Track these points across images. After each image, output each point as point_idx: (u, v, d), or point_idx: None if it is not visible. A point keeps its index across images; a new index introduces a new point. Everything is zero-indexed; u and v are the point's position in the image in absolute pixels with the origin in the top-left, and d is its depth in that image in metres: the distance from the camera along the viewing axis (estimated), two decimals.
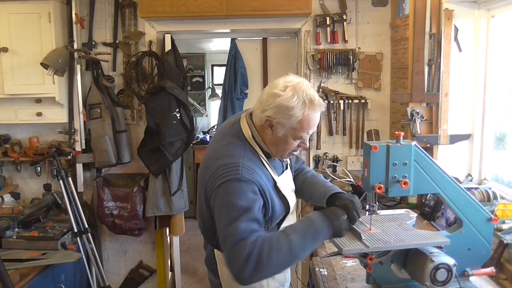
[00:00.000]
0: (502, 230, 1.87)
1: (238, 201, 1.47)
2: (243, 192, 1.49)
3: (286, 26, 3.44)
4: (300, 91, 1.55)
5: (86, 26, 3.44)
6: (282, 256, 1.42)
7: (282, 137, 1.60)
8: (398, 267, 1.62)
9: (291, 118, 1.55)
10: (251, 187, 1.52)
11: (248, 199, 1.49)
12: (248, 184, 1.51)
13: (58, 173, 3.07)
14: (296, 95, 1.54)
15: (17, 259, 2.65)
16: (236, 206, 1.47)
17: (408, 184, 1.58)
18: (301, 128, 1.58)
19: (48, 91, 3.22)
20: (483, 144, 2.66)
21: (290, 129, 1.58)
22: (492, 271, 1.66)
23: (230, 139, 1.66)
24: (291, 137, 1.60)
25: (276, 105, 1.55)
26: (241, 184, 1.50)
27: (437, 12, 2.62)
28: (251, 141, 1.65)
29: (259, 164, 1.64)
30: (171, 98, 3.25)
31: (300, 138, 1.62)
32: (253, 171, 1.55)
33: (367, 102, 3.45)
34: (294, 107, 1.54)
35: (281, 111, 1.55)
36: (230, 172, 1.52)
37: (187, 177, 3.74)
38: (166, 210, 3.41)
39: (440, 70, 2.59)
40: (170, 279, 3.85)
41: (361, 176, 2.01)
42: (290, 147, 1.64)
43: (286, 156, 1.70)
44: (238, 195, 1.48)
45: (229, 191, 1.50)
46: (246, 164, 1.56)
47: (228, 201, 1.49)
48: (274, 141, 1.63)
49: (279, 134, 1.60)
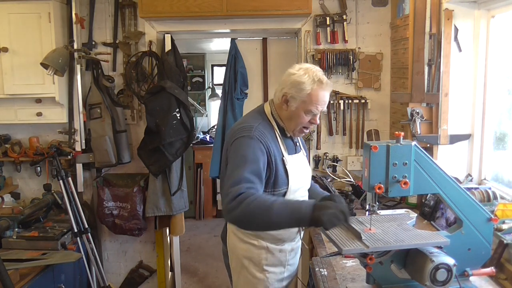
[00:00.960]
0: (502, 230, 1.87)
1: (245, 153, 1.78)
2: (251, 147, 1.80)
3: (286, 26, 3.44)
4: (310, 72, 1.86)
5: (86, 26, 3.44)
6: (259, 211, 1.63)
7: (295, 110, 1.88)
8: (398, 267, 1.62)
9: (301, 92, 1.84)
10: (259, 145, 1.81)
11: (255, 154, 1.79)
12: (257, 142, 1.81)
13: (58, 173, 3.07)
14: (307, 74, 1.85)
15: (17, 259, 2.65)
16: (243, 157, 1.77)
17: (408, 184, 1.58)
18: (310, 102, 1.85)
19: (48, 91, 3.22)
20: (483, 144, 2.66)
21: (301, 102, 1.86)
22: (492, 271, 1.66)
23: (252, 113, 2.02)
24: (302, 111, 1.87)
25: (291, 82, 1.87)
26: (251, 141, 1.81)
27: (437, 12, 2.62)
28: (269, 116, 1.96)
29: (273, 135, 1.92)
30: (171, 98, 3.25)
31: (310, 112, 1.88)
32: (264, 134, 1.85)
33: (367, 102, 3.45)
34: (305, 82, 1.83)
35: (293, 86, 1.85)
36: (244, 131, 1.85)
37: (187, 177, 3.74)
38: (166, 210, 3.41)
39: (440, 70, 2.59)
40: (170, 279, 3.85)
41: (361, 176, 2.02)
42: (302, 121, 1.90)
43: (298, 132, 1.96)
44: (247, 149, 1.79)
45: (241, 145, 1.81)
46: (260, 128, 1.87)
47: (238, 153, 1.80)
48: (288, 115, 1.91)
49: (292, 107, 1.88)
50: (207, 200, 6.03)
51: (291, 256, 2.06)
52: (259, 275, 1.98)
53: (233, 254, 2.04)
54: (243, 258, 1.99)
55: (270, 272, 1.99)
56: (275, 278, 2.01)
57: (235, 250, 2.02)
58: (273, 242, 1.98)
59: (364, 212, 1.79)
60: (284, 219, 1.64)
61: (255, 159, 1.78)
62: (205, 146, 5.86)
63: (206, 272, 4.50)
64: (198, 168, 5.95)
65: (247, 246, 1.98)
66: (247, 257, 1.98)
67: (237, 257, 2.02)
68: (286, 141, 1.97)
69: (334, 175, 3.41)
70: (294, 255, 2.08)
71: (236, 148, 1.82)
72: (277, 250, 1.99)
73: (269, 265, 1.99)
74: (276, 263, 2.00)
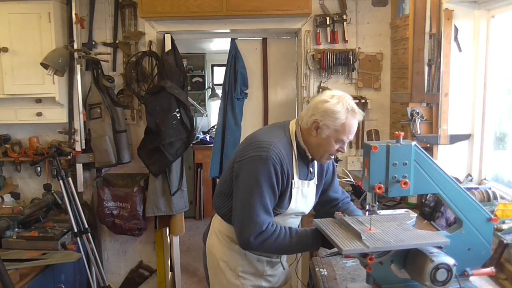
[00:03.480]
0: (502, 230, 1.87)
1: (262, 179, 1.76)
2: (267, 172, 1.76)
3: (286, 26, 3.44)
4: (344, 100, 1.81)
5: (86, 26, 3.44)
6: (279, 248, 1.84)
7: (326, 138, 1.82)
8: (398, 267, 1.62)
9: (336, 121, 1.79)
10: (275, 167, 1.77)
11: (270, 178, 1.77)
12: (273, 164, 1.77)
13: (58, 173, 3.07)
14: (341, 102, 1.80)
15: (17, 259, 2.64)
16: (261, 184, 1.75)
17: (408, 184, 1.58)
18: (343, 131, 1.81)
19: (48, 91, 3.22)
20: (483, 144, 2.66)
21: (334, 131, 1.81)
22: (492, 271, 1.66)
23: (277, 126, 1.98)
24: (333, 139, 1.82)
25: (324, 110, 1.80)
26: (267, 163, 1.76)
27: (437, 12, 2.62)
28: (292, 135, 1.90)
29: (289, 155, 1.86)
30: (171, 98, 3.25)
31: (341, 141, 1.83)
32: (281, 153, 1.80)
33: (367, 102, 3.45)
34: (339, 111, 1.78)
35: (328, 114, 1.79)
36: (261, 150, 1.79)
37: (187, 177, 3.74)
38: (166, 210, 3.41)
39: (440, 70, 2.59)
40: (170, 279, 3.85)
41: (361, 176, 2.02)
42: (330, 149, 1.85)
43: (325, 159, 1.91)
44: (261, 174, 1.76)
45: (254, 168, 1.77)
46: (278, 146, 1.81)
47: (252, 177, 1.77)
48: (317, 142, 1.85)
49: (323, 135, 1.82)
50: (207, 200, 6.02)
51: (269, 268, 2.01)
52: (234, 281, 1.95)
53: (211, 254, 2.03)
54: (220, 261, 1.98)
55: (245, 279, 1.96)
56: (251, 285, 1.97)
57: (213, 250, 2.01)
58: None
59: (364, 212, 1.79)
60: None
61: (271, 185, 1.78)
62: (205, 146, 5.86)
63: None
64: (198, 168, 5.95)
65: (225, 249, 1.96)
66: (224, 260, 1.97)
67: (214, 257, 2.00)
68: (301, 165, 1.91)
69: None
70: (272, 267, 2.03)
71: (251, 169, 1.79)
72: (255, 259, 1.96)
73: (245, 273, 1.96)
74: (252, 272, 1.97)
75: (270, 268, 2.01)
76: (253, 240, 1.76)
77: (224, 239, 1.97)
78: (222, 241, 1.97)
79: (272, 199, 1.80)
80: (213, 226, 2.05)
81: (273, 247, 1.81)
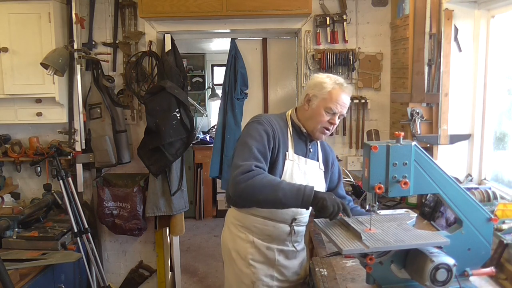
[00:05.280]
0: (502, 230, 1.87)
1: (253, 133, 1.93)
2: (259, 129, 1.95)
3: (286, 26, 3.44)
4: (333, 77, 2.03)
5: (86, 26, 3.44)
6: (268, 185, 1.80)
7: (316, 108, 1.98)
8: (398, 267, 1.62)
9: (322, 90, 1.97)
10: (266, 128, 1.95)
11: (261, 135, 1.93)
12: (265, 126, 1.96)
13: (58, 173, 3.07)
14: (329, 77, 2.02)
15: (17, 259, 2.64)
16: (251, 136, 1.92)
17: (408, 184, 1.58)
18: (330, 99, 1.96)
19: (48, 91, 3.22)
20: (483, 144, 2.66)
21: (322, 100, 1.97)
22: (492, 271, 1.66)
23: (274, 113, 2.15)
24: (322, 108, 1.97)
25: (314, 82, 2.03)
26: (259, 125, 1.96)
27: (437, 12, 2.62)
28: (287, 116, 2.09)
29: (284, 130, 2.03)
30: (171, 98, 3.25)
31: (330, 110, 1.96)
32: (273, 123, 1.99)
33: (367, 102, 3.45)
34: (326, 82, 1.99)
35: (316, 85, 2.01)
36: (255, 118, 2.02)
37: (187, 177, 3.74)
38: (166, 210, 3.41)
39: (440, 70, 2.59)
40: (170, 279, 3.85)
41: (361, 176, 2.02)
42: (321, 119, 1.98)
43: (319, 132, 2.02)
44: (254, 130, 1.94)
45: (249, 128, 1.98)
46: (271, 118, 2.02)
47: (247, 133, 1.96)
48: (309, 114, 2.01)
49: (313, 106, 1.99)
50: (207, 200, 6.02)
51: (283, 258, 2.06)
52: (245, 270, 2.03)
53: (224, 246, 2.16)
54: (231, 250, 2.08)
55: (256, 268, 2.03)
56: (263, 274, 2.03)
57: (226, 241, 2.14)
58: (260, 237, 2.03)
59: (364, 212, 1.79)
60: (289, 197, 1.79)
61: (260, 138, 1.92)
62: (205, 146, 5.86)
63: (206, 272, 4.50)
64: (198, 168, 5.95)
65: (235, 238, 2.07)
66: (234, 250, 2.07)
67: (227, 248, 2.13)
68: (297, 141, 2.05)
69: None
70: (286, 257, 2.07)
71: (245, 130, 2.00)
72: (264, 247, 2.02)
73: (255, 261, 2.03)
74: (262, 260, 2.03)
75: (283, 258, 2.06)
76: (241, 176, 1.79)
77: (235, 227, 2.08)
78: (233, 231, 2.09)
79: (263, 151, 1.92)
80: (226, 220, 2.19)
81: (261, 184, 1.79)
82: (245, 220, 2.05)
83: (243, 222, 2.05)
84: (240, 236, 2.05)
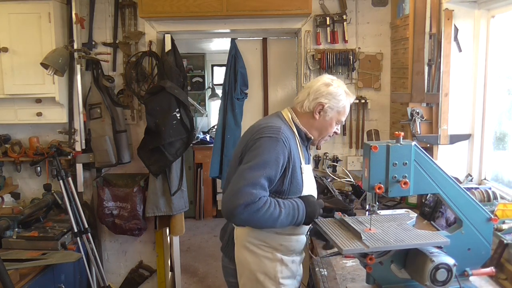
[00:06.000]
0: (502, 230, 1.87)
1: (269, 156, 1.79)
2: (276, 151, 1.80)
3: (286, 26, 3.44)
4: (341, 84, 1.98)
5: (86, 26, 3.44)
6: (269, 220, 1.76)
7: (329, 120, 1.95)
8: (398, 267, 1.62)
9: (339, 103, 1.93)
10: (283, 150, 1.82)
11: (277, 160, 1.80)
12: (282, 146, 1.82)
13: (58, 173, 3.07)
14: (340, 86, 1.96)
15: (17, 259, 2.64)
16: (265, 161, 1.78)
17: (408, 184, 1.58)
18: (343, 113, 1.97)
19: (48, 91, 3.22)
20: (483, 144, 2.66)
21: (336, 113, 1.94)
22: (492, 271, 1.66)
23: (273, 117, 2.02)
24: (335, 121, 1.96)
25: (328, 92, 1.92)
26: (278, 144, 1.81)
27: (437, 12, 2.62)
28: (290, 122, 1.98)
29: (294, 141, 1.92)
30: (171, 98, 3.25)
31: (340, 122, 1.99)
32: (289, 139, 1.86)
33: (367, 102, 3.45)
34: (341, 94, 1.93)
35: (332, 97, 1.92)
36: (272, 132, 1.84)
37: (187, 177, 3.74)
38: (166, 210, 3.41)
39: (440, 70, 2.59)
40: (170, 279, 3.85)
41: (361, 176, 2.02)
42: (330, 131, 1.99)
43: (323, 140, 2.04)
44: (271, 152, 1.79)
45: (266, 146, 1.81)
46: (286, 131, 1.88)
47: (261, 153, 1.79)
48: (320, 124, 1.97)
49: (327, 117, 1.94)
50: (207, 200, 6.02)
51: (301, 267, 2.06)
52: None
53: (244, 270, 1.95)
54: (258, 273, 1.92)
55: (285, 285, 1.94)
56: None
57: (247, 265, 1.93)
58: (286, 253, 1.95)
59: (364, 212, 1.79)
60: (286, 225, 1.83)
61: (276, 165, 1.79)
62: (205, 146, 5.86)
63: (206, 272, 4.50)
64: (198, 168, 5.95)
65: (261, 260, 1.92)
66: (262, 272, 1.92)
67: (250, 272, 1.93)
68: (303, 150, 1.99)
69: (334, 175, 3.42)
70: (301, 265, 2.07)
71: (261, 147, 1.81)
72: (290, 261, 1.96)
73: (284, 278, 1.94)
74: (289, 275, 1.96)
75: (301, 267, 2.05)
76: (242, 209, 1.71)
77: (258, 248, 1.92)
78: (256, 252, 1.92)
79: (273, 178, 1.81)
80: (239, 239, 1.96)
81: (263, 219, 1.75)
82: (269, 239, 1.92)
83: (267, 242, 1.92)
84: (266, 256, 1.92)
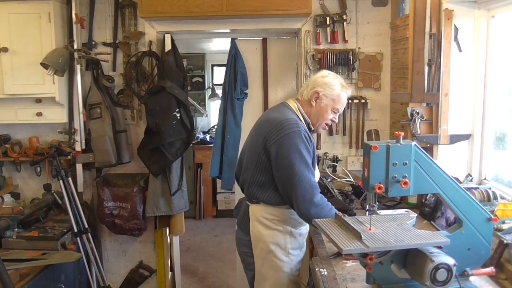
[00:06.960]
0: (502, 230, 1.87)
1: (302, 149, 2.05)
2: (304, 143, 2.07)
3: (286, 26, 3.44)
4: (337, 77, 2.26)
5: (86, 26, 3.44)
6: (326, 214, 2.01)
7: (324, 107, 2.21)
8: (398, 267, 1.62)
9: (333, 91, 2.19)
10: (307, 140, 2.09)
11: (308, 150, 2.08)
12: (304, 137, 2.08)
13: (58, 173, 3.07)
14: (335, 78, 2.24)
15: (17, 259, 2.65)
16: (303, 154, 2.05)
17: (408, 184, 1.58)
18: (338, 101, 2.21)
19: (48, 91, 3.22)
20: (483, 144, 2.66)
21: (331, 100, 2.20)
22: (492, 271, 1.66)
23: (281, 107, 2.27)
24: (330, 108, 2.21)
25: (324, 82, 2.21)
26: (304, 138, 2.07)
27: (437, 12, 2.62)
28: (296, 111, 2.23)
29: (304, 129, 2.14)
30: (171, 98, 3.25)
31: (335, 110, 2.22)
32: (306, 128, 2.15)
33: (367, 102, 3.45)
34: (336, 84, 2.21)
35: (327, 86, 2.20)
36: (292, 126, 2.08)
37: (187, 177, 3.74)
38: (166, 210, 3.41)
39: (440, 70, 2.59)
40: (170, 279, 3.85)
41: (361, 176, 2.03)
42: (327, 117, 2.23)
43: (321, 128, 2.28)
44: (302, 145, 2.05)
45: (295, 141, 2.05)
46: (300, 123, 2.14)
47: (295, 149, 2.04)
48: (316, 111, 2.22)
49: (322, 104, 2.20)
50: (207, 200, 6.03)
51: (305, 242, 2.34)
52: (285, 258, 2.23)
53: (259, 242, 2.24)
54: (270, 244, 2.20)
55: (293, 255, 2.25)
56: (297, 260, 2.28)
57: (261, 237, 2.22)
58: (295, 226, 2.23)
59: (364, 212, 1.79)
60: None
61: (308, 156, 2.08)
62: (205, 146, 5.86)
63: (206, 272, 4.50)
64: (198, 168, 5.96)
65: (273, 233, 2.20)
66: (273, 243, 2.20)
67: (264, 243, 2.22)
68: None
69: (334, 175, 3.41)
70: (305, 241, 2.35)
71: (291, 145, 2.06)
72: (298, 234, 2.25)
73: (293, 249, 2.24)
74: (297, 246, 2.26)
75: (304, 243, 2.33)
76: (317, 200, 2.02)
77: (272, 222, 2.21)
78: (269, 225, 2.21)
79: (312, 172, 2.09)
80: (254, 216, 2.25)
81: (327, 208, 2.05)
82: (282, 214, 2.21)
83: (280, 216, 2.21)
84: (278, 229, 2.21)
